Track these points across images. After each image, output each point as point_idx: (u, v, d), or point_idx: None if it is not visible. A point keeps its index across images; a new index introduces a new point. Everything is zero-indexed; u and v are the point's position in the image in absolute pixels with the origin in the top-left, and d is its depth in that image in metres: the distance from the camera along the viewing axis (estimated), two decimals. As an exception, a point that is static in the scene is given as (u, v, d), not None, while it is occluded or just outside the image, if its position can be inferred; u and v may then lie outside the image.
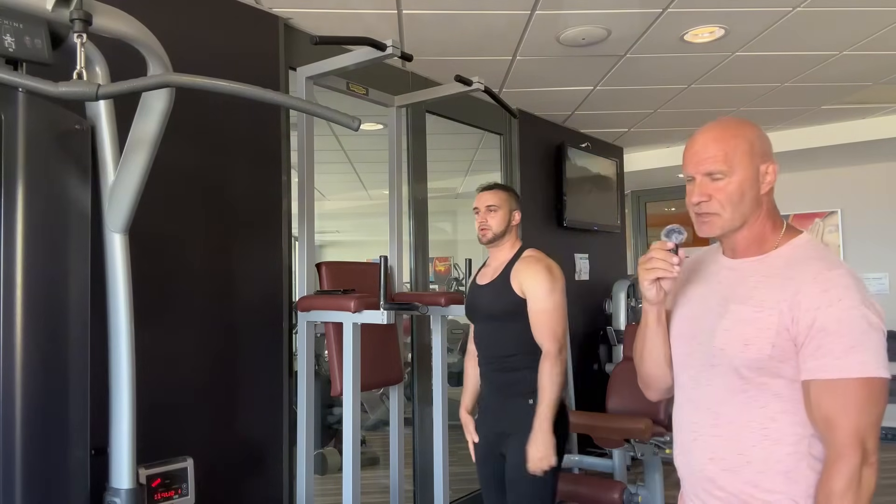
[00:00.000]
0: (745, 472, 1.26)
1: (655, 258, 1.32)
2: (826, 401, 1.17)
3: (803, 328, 1.19)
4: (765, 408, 1.25)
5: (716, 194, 1.29)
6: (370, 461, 4.65)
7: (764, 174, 1.30)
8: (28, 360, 1.37)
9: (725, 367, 1.28)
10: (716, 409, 1.31)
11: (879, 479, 1.19)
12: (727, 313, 1.30)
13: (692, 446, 1.35)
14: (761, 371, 1.24)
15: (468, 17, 2.92)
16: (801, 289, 1.21)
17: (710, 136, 1.31)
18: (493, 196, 2.48)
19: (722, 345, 1.28)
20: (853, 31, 3.22)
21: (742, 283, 1.31)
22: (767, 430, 1.25)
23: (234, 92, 1.27)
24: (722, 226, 1.31)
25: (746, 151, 1.29)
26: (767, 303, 1.24)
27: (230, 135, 2.61)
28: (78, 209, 1.55)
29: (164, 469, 1.82)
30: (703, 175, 1.30)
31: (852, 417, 1.15)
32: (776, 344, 1.22)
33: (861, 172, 6.22)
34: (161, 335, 2.30)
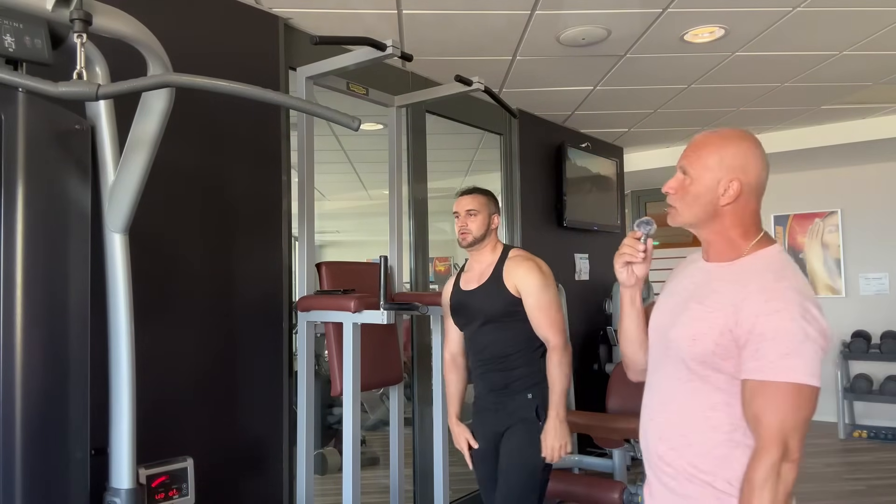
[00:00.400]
0: (687, 453, 1.39)
1: (625, 244, 1.52)
2: (757, 400, 1.28)
3: (744, 332, 1.29)
4: (706, 398, 1.37)
5: (678, 190, 1.45)
6: (370, 461, 4.65)
7: (724, 188, 1.39)
8: (28, 360, 1.37)
9: (675, 358, 1.42)
10: (667, 394, 1.45)
11: (880, 479, 1.21)
12: (686, 310, 1.42)
13: (648, 426, 1.49)
14: (705, 365, 1.36)
15: (468, 17, 2.92)
16: (748, 296, 1.31)
17: (701, 139, 1.44)
18: (472, 200, 2.50)
19: (675, 337, 1.41)
20: (853, 31, 3.22)
21: (706, 284, 1.43)
22: (708, 417, 1.36)
23: (234, 92, 1.27)
24: (677, 219, 1.47)
25: (713, 163, 1.40)
26: (718, 305, 1.35)
27: (230, 135, 2.61)
28: (78, 209, 1.55)
29: (164, 469, 1.82)
30: (679, 168, 1.46)
31: (777, 417, 1.25)
32: (719, 343, 1.33)
33: (861, 172, 6.22)
34: (161, 335, 2.30)
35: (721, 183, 1.39)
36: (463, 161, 5.60)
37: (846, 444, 5.59)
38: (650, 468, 1.50)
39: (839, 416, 5.78)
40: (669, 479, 1.42)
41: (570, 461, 4.10)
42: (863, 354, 5.90)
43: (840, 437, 5.75)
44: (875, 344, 5.93)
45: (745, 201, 1.40)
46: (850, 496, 4.26)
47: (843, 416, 5.78)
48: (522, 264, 2.40)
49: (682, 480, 1.39)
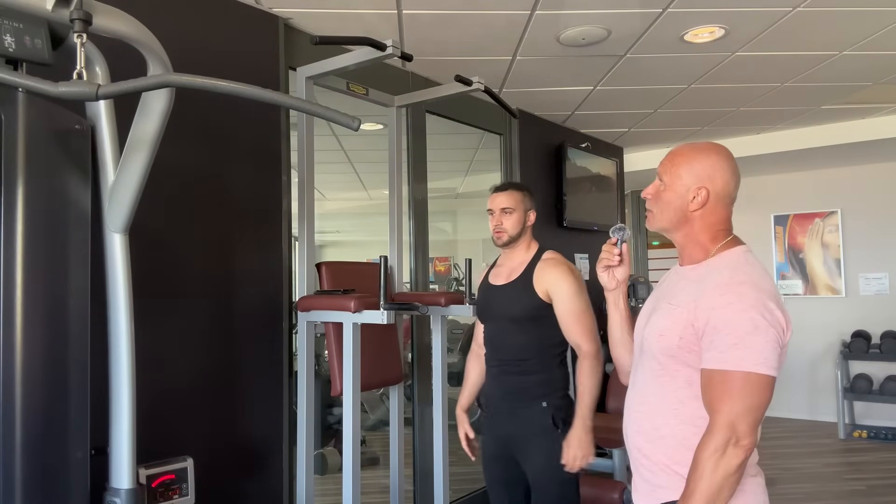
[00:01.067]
0: (660, 445, 1.47)
1: (603, 250, 1.68)
2: (709, 387, 1.37)
3: (701, 325, 1.39)
4: (676, 392, 1.46)
5: (654, 195, 1.56)
6: (370, 461, 4.65)
7: (693, 196, 1.49)
8: (28, 360, 1.37)
9: (648, 354, 1.52)
10: (642, 389, 1.54)
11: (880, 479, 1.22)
12: (657, 309, 1.54)
13: (627, 420, 1.57)
14: (673, 359, 1.45)
15: (468, 17, 2.92)
16: (705, 292, 1.41)
17: (677, 150, 1.55)
18: (507, 198, 2.43)
19: (647, 334, 1.52)
20: (853, 31, 3.22)
21: (675, 285, 1.54)
22: (677, 411, 1.45)
23: (234, 92, 1.27)
24: (653, 223, 1.58)
25: (684, 172, 1.51)
26: (682, 302, 1.46)
27: (230, 135, 2.61)
28: (78, 209, 1.55)
29: (164, 469, 1.82)
30: (657, 176, 1.57)
31: (727, 404, 1.33)
32: (682, 336, 1.42)
33: (861, 172, 6.22)
34: (161, 335, 2.30)
35: (690, 190, 1.50)
36: (463, 161, 5.60)
37: (846, 444, 5.59)
38: (633, 462, 1.58)
39: (839, 416, 5.78)
40: (646, 471, 1.51)
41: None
42: (863, 354, 5.90)
43: (840, 437, 5.75)
44: (875, 344, 5.93)
45: (713, 208, 1.50)
46: (850, 496, 4.26)
47: (843, 416, 5.78)
48: (556, 268, 2.33)
49: (657, 472, 1.47)
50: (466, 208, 6.89)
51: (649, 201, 1.58)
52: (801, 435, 5.89)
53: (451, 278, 7.18)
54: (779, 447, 5.49)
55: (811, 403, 6.41)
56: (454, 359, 5.82)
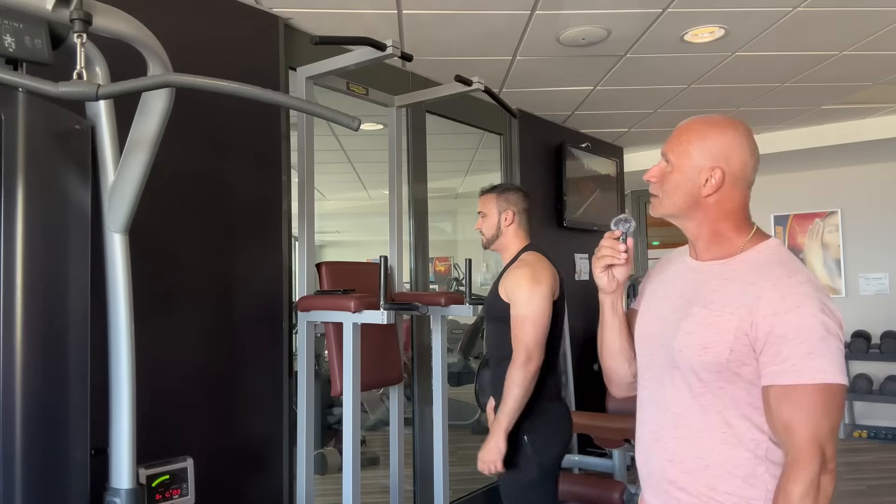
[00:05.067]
0: (703, 475, 1.27)
1: (604, 246, 1.40)
2: (784, 407, 1.18)
3: (762, 334, 1.20)
4: (721, 413, 1.26)
5: (660, 178, 1.37)
6: (370, 461, 4.65)
7: (706, 178, 1.31)
8: (28, 360, 1.37)
9: (685, 370, 1.29)
10: (676, 411, 1.31)
11: (880, 479, 1.21)
12: (689, 315, 1.31)
13: (653, 446, 1.36)
14: (719, 375, 1.25)
15: (468, 17, 2.92)
16: (761, 294, 1.22)
17: (685, 125, 1.36)
18: (481, 202, 2.49)
19: (681, 347, 1.29)
20: (853, 31, 3.21)
21: (704, 285, 1.33)
22: (725, 434, 1.26)
23: (234, 92, 1.27)
24: (658, 209, 1.38)
25: (694, 150, 1.32)
26: (728, 307, 1.25)
27: (230, 135, 2.61)
28: (78, 209, 1.55)
29: (164, 469, 1.82)
30: (662, 156, 1.38)
31: (811, 423, 1.15)
32: (734, 349, 1.23)
33: (861, 172, 6.22)
34: (161, 335, 2.30)
35: (703, 172, 1.31)
36: (463, 161, 5.60)
37: (846, 444, 5.59)
38: (654, 494, 1.37)
39: (839, 416, 5.77)
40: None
41: (571, 461, 4.10)
42: (863, 354, 5.90)
43: (840, 437, 5.75)
44: (875, 344, 5.93)
45: (730, 192, 1.32)
46: (850, 496, 4.26)
47: (843, 416, 5.78)
48: (517, 271, 2.32)
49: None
50: (466, 208, 6.89)
51: (654, 185, 1.38)
52: (801, 435, 5.89)
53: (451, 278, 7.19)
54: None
55: (811, 403, 6.40)
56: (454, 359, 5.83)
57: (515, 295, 2.27)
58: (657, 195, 1.38)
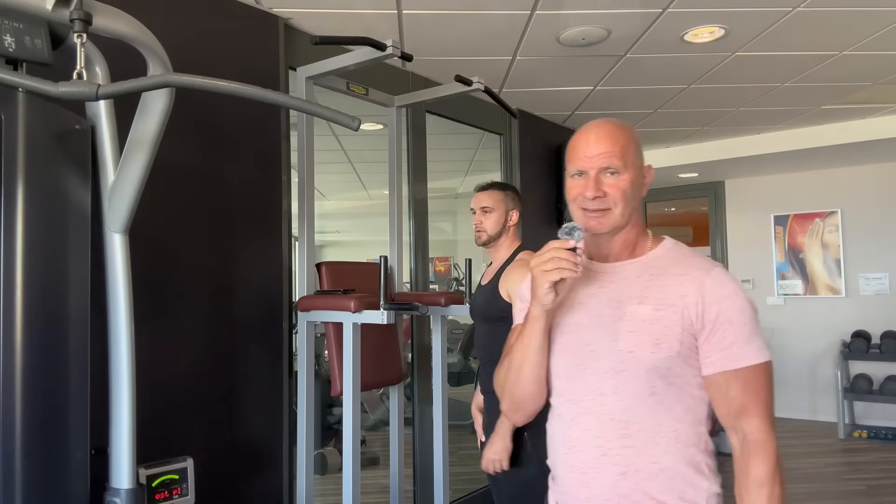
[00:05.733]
0: (659, 482, 1.22)
1: (559, 257, 1.21)
2: (737, 390, 1.22)
3: (708, 322, 1.23)
4: (672, 409, 1.24)
5: (610, 190, 1.28)
6: (370, 461, 4.65)
7: (644, 176, 1.34)
8: (28, 360, 1.37)
9: (634, 371, 1.24)
10: (624, 419, 1.24)
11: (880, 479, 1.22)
12: (624, 316, 1.27)
13: (599, 463, 1.25)
14: (669, 370, 1.24)
15: (468, 17, 2.92)
16: (702, 282, 1.25)
17: (603, 131, 1.30)
18: (487, 197, 2.45)
19: (631, 347, 1.24)
20: (853, 31, 3.21)
21: (630, 284, 1.30)
22: (677, 431, 1.24)
23: (234, 92, 1.27)
24: (613, 222, 1.29)
25: (635, 151, 1.32)
26: (666, 300, 1.25)
27: (230, 135, 2.61)
28: (78, 209, 1.55)
29: (164, 469, 1.82)
30: (598, 170, 1.29)
31: (764, 403, 1.22)
32: (683, 340, 1.23)
33: (861, 172, 6.22)
34: (161, 335, 2.30)
35: (641, 172, 1.33)
36: (463, 161, 5.60)
37: (846, 444, 5.59)
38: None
39: (839, 416, 5.78)
40: None
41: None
42: (863, 354, 5.90)
43: (840, 437, 5.75)
44: (875, 344, 5.93)
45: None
46: (850, 496, 4.26)
47: (843, 416, 5.78)
48: (518, 270, 2.29)
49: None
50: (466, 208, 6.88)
51: (604, 199, 1.28)
52: (801, 435, 5.89)
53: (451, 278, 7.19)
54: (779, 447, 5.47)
55: (811, 403, 6.41)
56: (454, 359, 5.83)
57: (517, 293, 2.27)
58: (608, 208, 1.28)
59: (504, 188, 2.51)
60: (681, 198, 7.45)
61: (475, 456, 2.59)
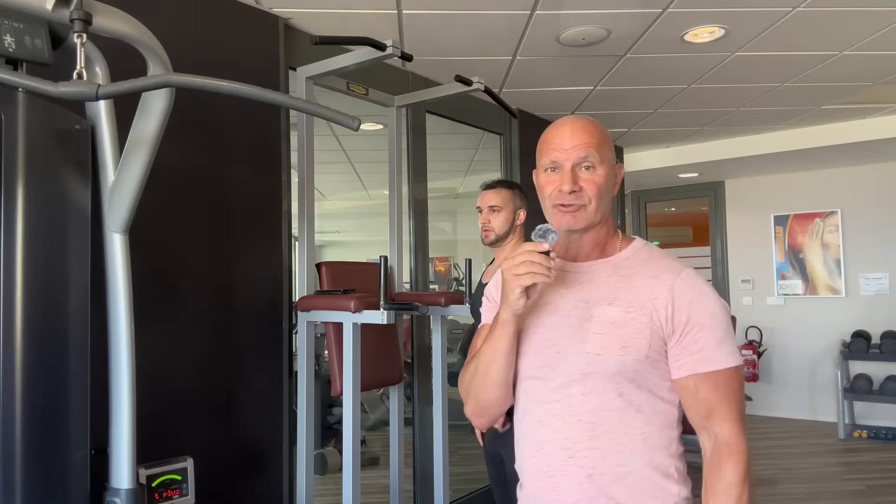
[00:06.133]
0: (625, 485, 1.20)
1: (532, 261, 1.17)
2: (708, 394, 1.20)
3: (678, 325, 1.20)
4: (640, 412, 1.22)
5: (586, 185, 1.26)
6: (370, 461, 4.65)
7: (616, 175, 1.32)
8: (28, 360, 1.37)
9: (602, 374, 1.21)
10: (591, 420, 1.22)
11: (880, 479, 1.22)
12: (593, 317, 1.23)
13: (566, 465, 1.23)
14: (637, 373, 1.21)
15: (468, 17, 2.92)
16: (672, 285, 1.22)
17: (578, 125, 1.28)
18: (495, 195, 2.43)
19: (598, 350, 1.21)
20: (853, 31, 3.21)
21: (600, 285, 1.27)
22: (645, 434, 1.21)
23: (234, 92, 1.27)
24: (588, 219, 1.27)
25: (608, 148, 1.30)
26: (636, 302, 1.22)
27: (230, 135, 2.61)
28: (78, 209, 1.55)
29: (164, 469, 1.82)
30: (574, 162, 1.26)
31: (734, 405, 1.20)
32: (651, 343, 1.20)
33: (861, 172, 6.22)
34: (161, 335, 2.30)
35: (613, 170, 1.30)
36: (463, 161, 5.60)
37: (846, 444, 5.59)
38: None
39: (839, 416, 5.78)
40: None
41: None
42: (863, 354, 5.90)
43: (840, 437, 5.75)
44: (875, 344, 5.93)
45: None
46: (850, 496, 4.26)
47: (843, 416, 5.78)
48: None
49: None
50: (466, 208, 6.89)
51: (580, 194, 1.25)
52: (801, 435, 5.89)
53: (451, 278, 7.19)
54: (779, 447, 5.49)
55: (811, 403, 6.41)
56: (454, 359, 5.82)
57: None
58: (584, 204, 1.26)
59: (511, 186, 2.50)
60: (681, 198, 7.45)
61: (475, 456, 2.59)
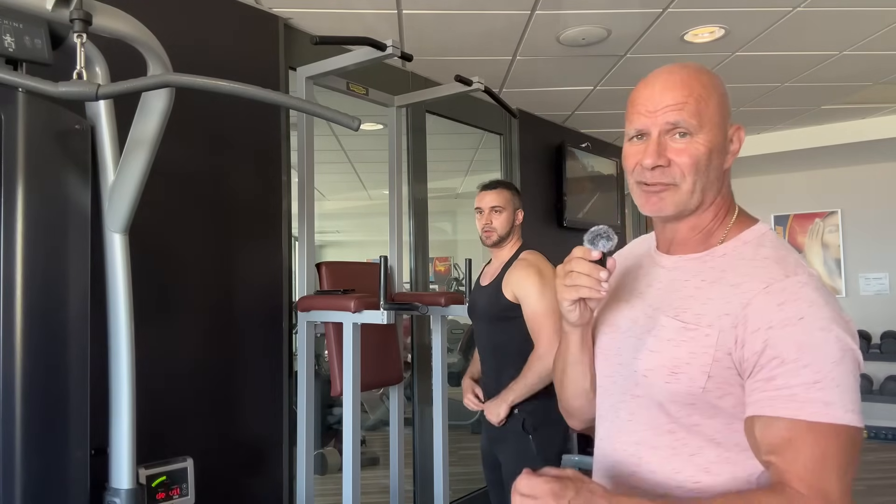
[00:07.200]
0: None
1: (578, 272, 0.99)
2: (775, 448, 0.87)
3: (750, 354, 0.90)
4: (696, 455, 0.96)
5: (677, 157, 0.97)
6: (370, 461, 4.65)
7: (730, 141, 1.01)
8: (28, 360, 1.37)
9: (648, 400, 1.00)
10: (637, 452, 1.01)
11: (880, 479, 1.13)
12: (655, 328, 1.00)
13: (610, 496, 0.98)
14: (693, 408, 0.95)
15: (468, 17, 2.92)
16: (750, 300, 0.92)
17: (675, 78, 1.00)
18: (497, 196, 2.43)
19: (645, 370, 0.99)
20: (853, 31, 3.21)
21: (677, 289, 1.02)
22: (700, 484, 0.95)
23: (234, 92, 1.27)
24: (678, 202, 0.99)
25: (718, 105, 0.99)
26: (705, 318, 0.95)
27: (230, 135, 2.61)
28: (78, 209, 1.55)
29: (164, 469, 1.82)
30: (662, 128, 0.98)
31: (823, 474, 0.85)
32: (713, 374, 0.93)
33: (861, 172, 6.22)
34: (161, 335, 2.30)
35: (726, 136, 0.99)
36: (463, 161, 5.60)
37: (846, 444, 5.59)
38: None
39: (839, 416, 5.77)
40: None
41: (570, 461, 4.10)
42: (863, 354, 5.89)
43: (840, 437, 5.74)
44: (875, 344, 5.93)
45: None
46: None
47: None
48: (522, 270, 2.32)
49: None
50: (466, 208, 6.89)
51: (667, 169, 0.98)
52: (801, 435, 5.89)
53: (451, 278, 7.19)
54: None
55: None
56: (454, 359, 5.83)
57: (527, 292, 2.27)
58: (672, 183, 0.98)
59: (510, 187, 2.50)
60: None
61: (475, 456, 2.59)
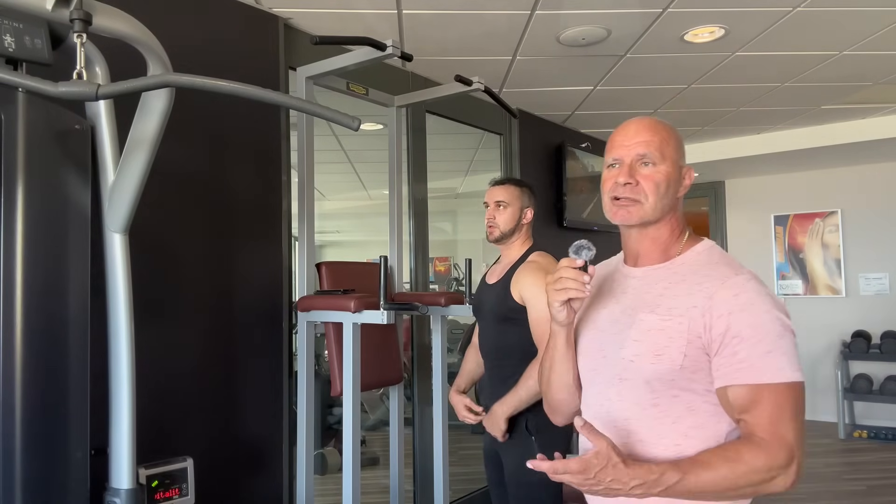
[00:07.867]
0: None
1: (566, 277, 1.24)
2: (746, 409, 1.14)
3: (716, 335, 1.16)
4: (677, 423, 1.20)
5: (643, 180, 1.27)
6: (370, 461, 4.65)
7: (684, 176, 1.31)
8: (28, 360, 1.37)
9: (635, 381, 1.23)
10: (626, 427, 1.24)
11: (880, 479, 1.19)
12: (634, 323, 1.25)
13: None
14: (672, 383, 1.19)
15: (468, 17, 2.92)
16: (713, 293, 1.19)
17: (643, 124, 1.31)
18: (503, 192, 2.41)
19: (632, 356, 1.23)
20: (853, 31, 3.21)
21: (648, 290, 1.28)
22: (680, 447, 1.19)
23: (234, 92, 1.27)
24: (642, 215, 1.28)
25: (675, 147, 1.30)
26: (676, 310, 1.21)
27: (230, 135, 2.61)
28: (78, 209, 1.55)
29: (164, 469, 1.82)
30: (634, 158, 1.28)
31: (780, 425, 1.12)
32: (688, 353, 1.18)
33: (861, 172, 6.22)
34: (161, 335, 2.30)
35: (682, 170, 1.31)
36: (463, 161, 5.60)
37: (846, 444, 5.59)
38: None
39: (839, 416, 5.78)
40: None
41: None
42: (863, 354, 5.90)
43: (840, 437, 5.75)
44: (875, 344, 5.93)
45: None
46: (850, 496, 4.25)
47: (843, 416, 5.78)
48: (530, 272, 2.28)
49: None
50: (466, 208, 6.89)
51: (634, 188, 1.27)
52: (801, 435, 5.89)
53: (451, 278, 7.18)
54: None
55: (811, 403, 6.40)
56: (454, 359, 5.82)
57: (532, 296, 2.23)
58: (637, 199, 1.27)
59: (520, 184, 2.47)
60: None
61: (475, 456, 2.59)
